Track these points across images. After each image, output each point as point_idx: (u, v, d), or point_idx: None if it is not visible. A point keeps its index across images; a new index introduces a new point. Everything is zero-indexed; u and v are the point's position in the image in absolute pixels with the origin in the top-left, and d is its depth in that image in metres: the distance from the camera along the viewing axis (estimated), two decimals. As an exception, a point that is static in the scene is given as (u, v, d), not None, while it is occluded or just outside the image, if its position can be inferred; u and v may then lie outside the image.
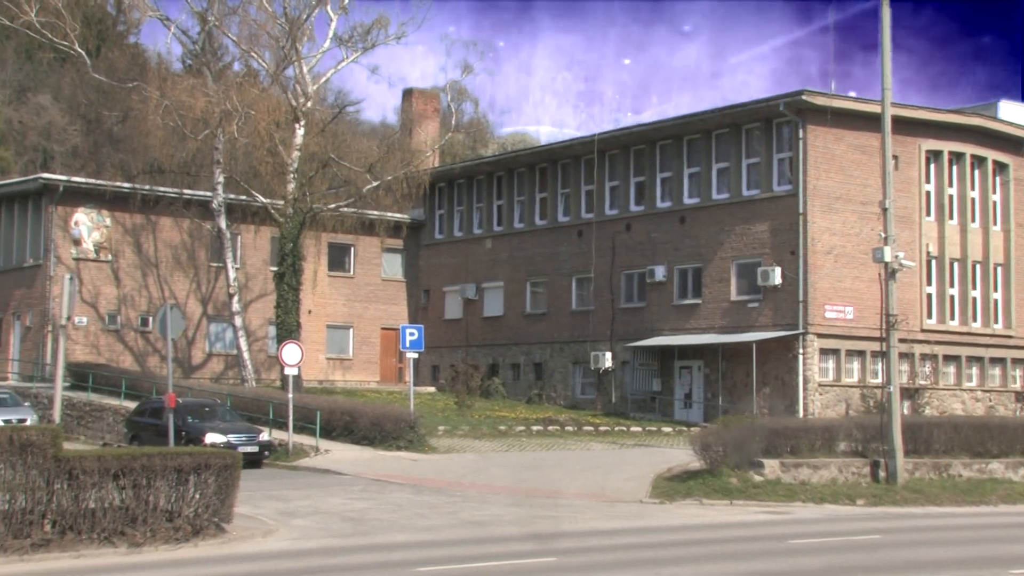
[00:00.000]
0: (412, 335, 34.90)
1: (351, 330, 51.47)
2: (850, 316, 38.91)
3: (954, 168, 42.96)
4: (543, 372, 46.89)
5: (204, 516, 17.93)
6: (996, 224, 44.06)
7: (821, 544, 18.95)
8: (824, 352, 38.68)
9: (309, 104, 42.16)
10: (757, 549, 18.24)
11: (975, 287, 43.16)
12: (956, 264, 42.70)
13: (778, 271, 38.62)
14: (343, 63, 43.87)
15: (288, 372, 32.24)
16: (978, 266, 43.31)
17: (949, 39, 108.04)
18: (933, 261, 41.88)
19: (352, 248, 51.40)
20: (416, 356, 36.07)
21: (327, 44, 43.25)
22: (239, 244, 47.34)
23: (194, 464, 17.90)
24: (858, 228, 39.20)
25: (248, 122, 40.22)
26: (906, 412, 35.02)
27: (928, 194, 42.03)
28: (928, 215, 41.85)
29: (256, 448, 29.96)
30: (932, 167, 42.28)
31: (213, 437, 29.21)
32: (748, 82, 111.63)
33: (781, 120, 39.63)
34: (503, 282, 48.95)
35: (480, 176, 50.70)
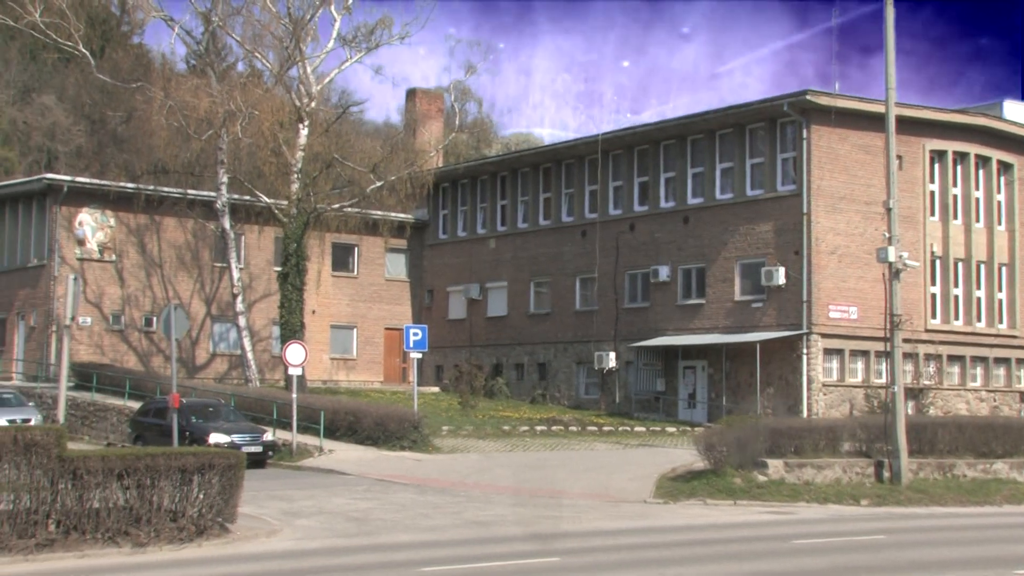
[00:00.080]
0: (416, 335, 34.91)
1: (355, 330, 51.49)
2: (854, 316, 38.87)
3: (958, 168, 42.91)
4: (547, 372, 46.88)
5: (208, 516, 17.94)
6: (1000, 224, 44.01)
7: (825, 544, 18.94)
8: (828, 352, 38.65)
9: (313, 104, 42.18)
10: (761, 549, 18.23)
11: (979, 287, 43.11)
12: (960, 264, 42.65)
13: (782, 271, 38.60)
14: (347, 63, 43.92)
15: (292, 372, 32.26)
16: (982, 266, 43.25)
17: (946, 40, 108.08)
18: (937, 261, 41.82)
19: (356, 248, 51.42)
20: (420, 356, 36.06)
21: (331, 44, 43.31)
22: (243, 244, 47.39)
23: (198, 464, 17.91)
24: (862, 228, 39.16)
25: (252, 122, 40.26)
26: (910, 412, 34.98)
27: (932, 194, 41.98)
28: (932, 215, 41.81)
29: (260, 448, 29.97)
30: (936, 167, 42.23)
31: (217, 437, 29.23)
32: (746, 83, 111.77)
33: (785, 120, 39.60)
34: (507, 282, 48.95)
35: (484, 176, 50.70)
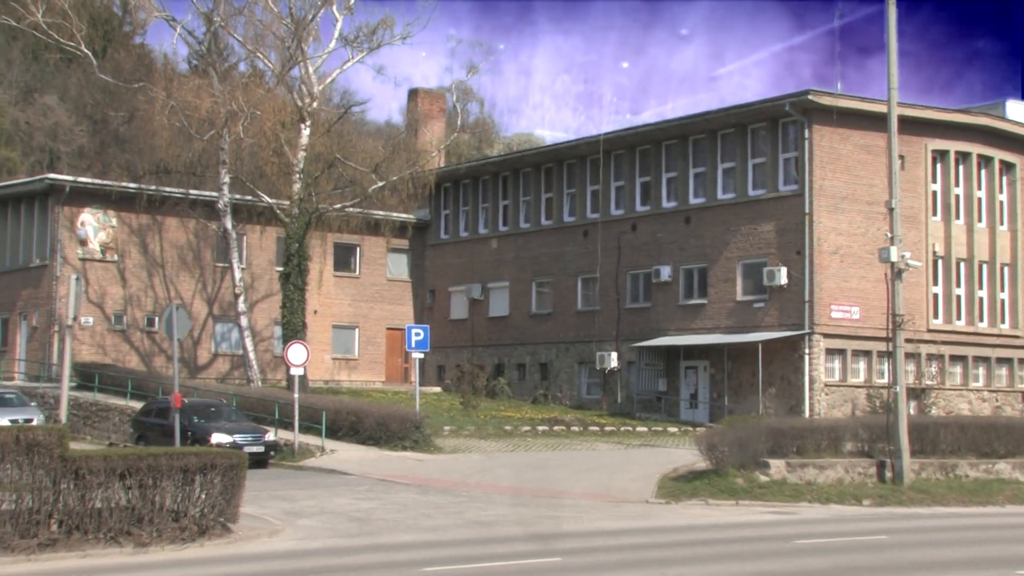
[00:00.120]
0: (418, 335, 34.91)
1: (357, 330, 51.50)
2: (856, 316, 38.85)
3: (960, 168, 42.88)
4: (549, 372, 46.87)
5: (210, 516, 17.95)
6: (1003, 224, 43.99)
7: (827, 544, 18.93)
8: (830, 352, 38.63)
9: (315, 104, 42.19)
10: (763, 549, 18.22)
11: (981, 287, 43.09)
12: (963, 264, 42.63)
13: (784, 271, 38.58)
14: (349, 63, 43.93)
15: (294, 372, 32.27)
16: (985, 266, 43.23)
17: (943, 41, 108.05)
18: (939, 261, 41.81)
19: (358, 248, 51.43)
20: (422, 356, 36.06)
21: (333, 44, 43.31)
22: (245, 244, 47.40)
23: (200, 464, 17.92)
24: (864, 228, 39.15)
25: (254, 122, 40.27)
26: (912, 412, 34.96)
27: (934, 194, 41.96)
28: (934, 215, 41.79)
29: (262, 448, 29.98)
30: (938, 167, 42.21)
31: (219, 437, 29.24)
32: (745, 84, 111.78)
33: (787, 120, 39.59)
34: (509, 282, 48.95)
35: (486, 176, 50.69)
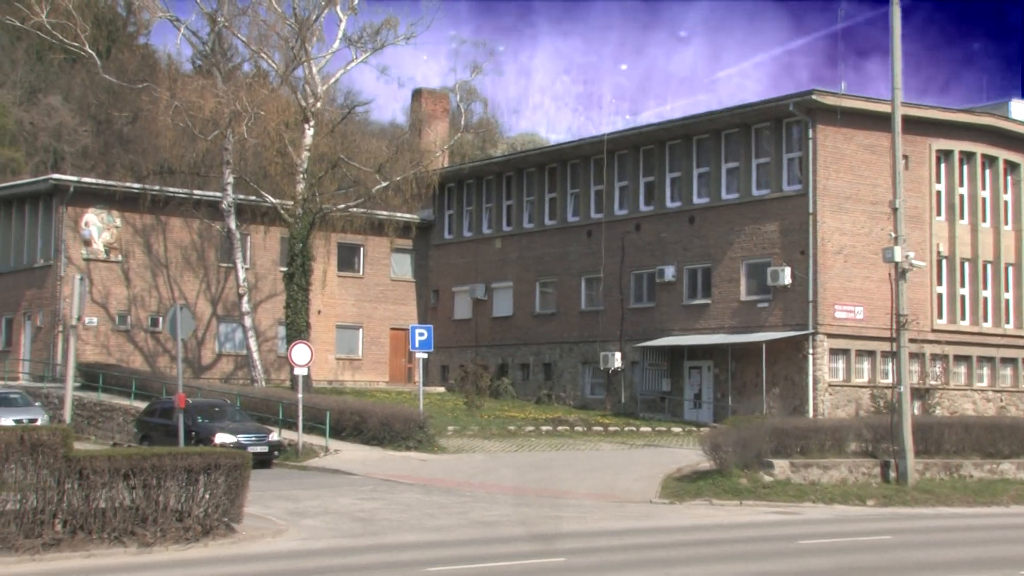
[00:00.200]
0: (422, 335, 34.92)
1: (360, 330, 51.53)
2: (860, 316, 38.81)
3: (965, 168, 42.84)
4: (552, 372, 46.87)
5: (214, 516, 17.96)
6: (1007, 224, 43.93)
7: (831, 544, 18.91)
8: (834, 352, 38.60)
9: (318, 104, 42.22)
10: (767, 549, 18.21)
11: (986, 287, 43.03)
12: (967, 264, 42.58)
13: (788, 271, 38.55)
14: (352, 63, 43.96)
15: (298, 372, 32.29)
16: (989, 266, 43.18)
17: (941, 42, 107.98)
18: (944, 261, 41.76)
19: (361, 248, 51.45)
20: (425, 356, 36.05)
21: (336, 44, 43.36)
22: (249, 244, 47.43)
23: (204, 464, 17.93)
24: (868, 228, 39.11)
25: (258, 123, 40.29)
26: (916, 412, 34.92)
27: (939, 194, 41.91)
28: (939, 215, 41.74)
29: (266, 448, 29.99)
30: (943, 167, 42.16)
31: (223, 437, 29.25)
32: (744, 85, 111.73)
33: (791, 120, 39.56)
34: (512, 282, 48.95)
35: (489, 176, 50.70)
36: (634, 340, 43.21)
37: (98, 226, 45.69)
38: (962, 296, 42.32)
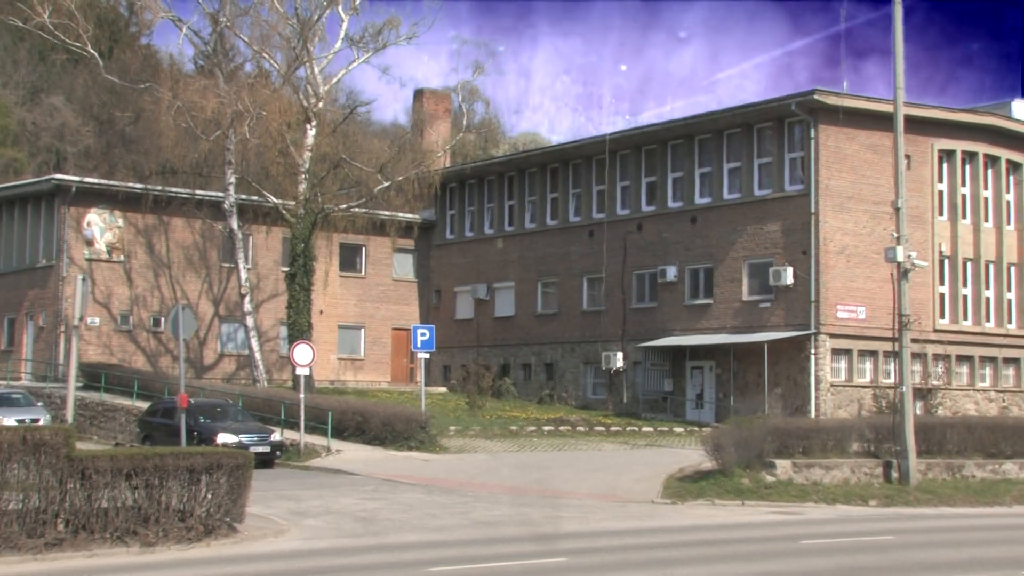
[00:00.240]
0: (423, 335, 34.93)
1: (362, 330, 51.53)
2: (862, 316, 38.80)
3: (967, 167, 42.81)
4: (554, 372, 46.87)
5: (216, 516, 17.97)
6: (1009, 223, 43.90)
7: (833, 545, 18.91)
8: (836, 352, 38.58)
9: (320, 105, 42.22)
10: (769, 550, 18.21)
11: (988, 287, 43.01)
12: (969, 264, 42.56)
13: (790, 271, 38.54)
14: (354, 64, 43.96)
15: (300, 372, 32.30)
16: (991, 266, 43.16)
17: (940, 42, 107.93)
18: (946, 261, 41.75)
19: (363, 248, 51.46)
20: (427, 356, 36.07)
21: (338, 45, 43.33)
22: (251, 245, 47.45)
23: (206, 464, 17.94)
24: (870, 228, 39.09)
25: (260, 123, 40.30)
26: (919, 412, 34.90)
27: (941, 193, 41.89)
28: (941, 215, 41.72)
29: (268, 448, 30.00)
30: (945, 166, 42.14)
31: (225, 437, 29.26)
32: (743, 86, 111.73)
33: (793, 120, 39.55)
34: (514, 282, 48.95)
35: (491, 176, 50.71)
36: (636, 340, 43.20)
37: (100, 226, 45.72)
38: (964, 296, 42.29)
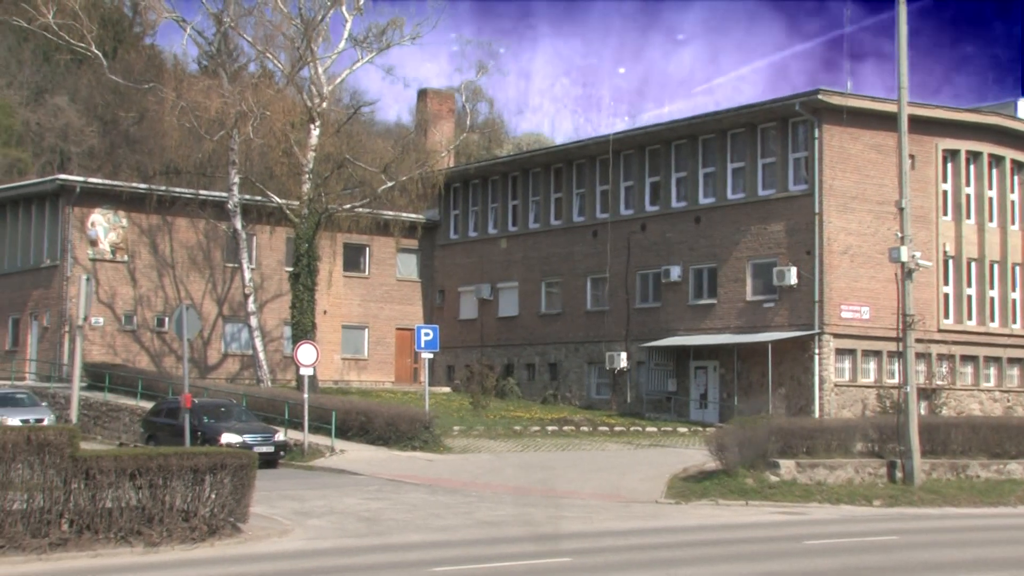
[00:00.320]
0: (427, 335, 34.93)
1: (366, 330, 51.55)
2: (866, 316, 38.77)
3: (971, 167, 42.76)
4: (558, 372, 46.86)
5: (220, 516, 17.98)
6: (1014, 223, 43.84)
7: (837, 545, 18.89)
8: (840, 352, 38.55)
9: (324, 105, 42.23)
10: (773, 550, 18.19)
11: (993, 287, 42.96)
12: (974, 264, 42.51)
13: (794, 271, 38.52)
14: (358, 64, 43.93)
15: (303, 372, 32.31)
16: (996, 266, 43.10)
17: (939, 43, 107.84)
18: (950, 261, 41.70)
19: (367, 248, 51.48)
20: (431, 356, 36.09)
21: (342, 45, 43.32)
22: (254, 245, 47.48)
23: (210, 464, 17.95)
24: (874, 228, 39.06)
25: (263, 123, 40.32)
26: (923, 412, 34.86)
27: (945, 193, 41.84)
28: (945, 214, 41.67)
29: (272, 448, 30.01)
30: (949, 166, 42.09)
31: (229, 437, 29.29)
32: (741, 88, 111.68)
33: (797, 119, 39.53)
34: (518, 282, 48.95)
35: (495, 176, 50.71)
36: (640, 340, 43.19)
37: (104, 226, 45.76)
38: (968, 296, 42.24)
